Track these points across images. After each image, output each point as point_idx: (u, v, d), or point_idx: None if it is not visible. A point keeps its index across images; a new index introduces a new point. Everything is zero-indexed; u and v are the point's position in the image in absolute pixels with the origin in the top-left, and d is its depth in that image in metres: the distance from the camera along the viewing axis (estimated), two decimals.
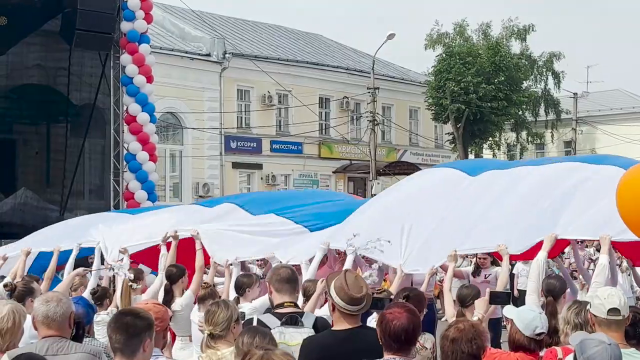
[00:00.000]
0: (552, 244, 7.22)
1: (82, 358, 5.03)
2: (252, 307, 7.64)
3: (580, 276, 14.52)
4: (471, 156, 48.87)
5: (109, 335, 4.46)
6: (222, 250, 9.38)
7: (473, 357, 4.49)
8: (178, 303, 8.49)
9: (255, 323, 5.61)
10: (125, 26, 16.29)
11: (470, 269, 12.58)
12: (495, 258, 12.54)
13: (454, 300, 7.61)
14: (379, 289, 6.94)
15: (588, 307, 5.20)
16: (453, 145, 45.35)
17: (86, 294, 9.09)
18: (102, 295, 8.97)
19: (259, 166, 38.59)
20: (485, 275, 11.95)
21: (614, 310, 5.01)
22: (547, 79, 53.83)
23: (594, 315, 5.12)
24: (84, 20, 15.41)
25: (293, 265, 7.75)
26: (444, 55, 43.37)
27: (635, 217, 6.42)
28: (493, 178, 8.79)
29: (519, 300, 16.50)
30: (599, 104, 55.60)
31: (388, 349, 4.48)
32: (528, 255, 8.12)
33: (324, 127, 41.90)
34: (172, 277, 8.72)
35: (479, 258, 12.19)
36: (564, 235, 7.56)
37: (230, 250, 9.32)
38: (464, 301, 7.44)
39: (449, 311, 7.24)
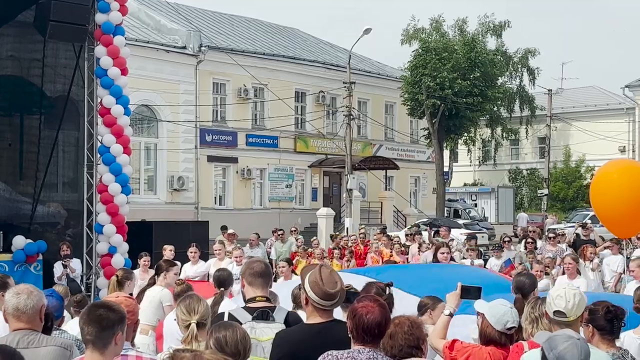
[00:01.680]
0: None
1: (53, 351, 5.01)
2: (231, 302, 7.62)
3: (553, 271, 14.68)
4: (446, 152, 49.16)
5: (80, 327, 4.44)
6: None
7: (413, 348, 4.56)
8: (157, 288, 8.63)
9: (226, 318, 5.59)
10: (99, 18, 16.10)
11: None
12: (452, 255, 12.53)
13: None
14: (347, 286, 6.93)
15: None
16: (428, 140, 45.55)
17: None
18: (83, 302, 9.00)
19: (234, 160, 38.54)
20: None
21: (559, 313, 5.11)
22: (522, 75, 54.28)
23: (546, 312, 5.27)
24: (58, 11, 15.23)
25: None
26: (420, 50, 43.51)
27: (608, 213, 6.51)
28: None
29: None
30: (574, 100, 56.07)
31: (359, 341, 4.51)
32: None
33: (299, 121, 41.92)
34: (159, 268, 8.90)
35: (441, 252, 12.07)
36: None
37: None
38: (419, 309, 7.37)
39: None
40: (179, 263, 9.68)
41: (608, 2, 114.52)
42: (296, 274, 13.97)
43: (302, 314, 6.76)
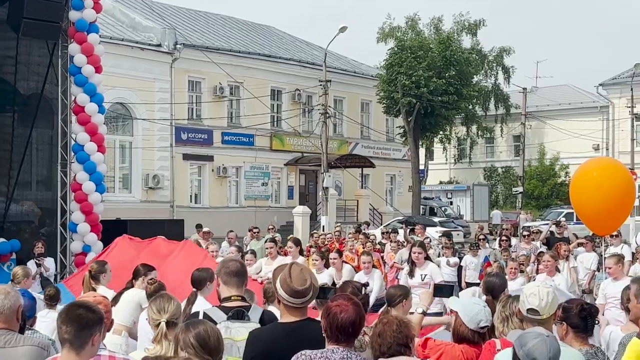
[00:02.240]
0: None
1: (30, 351, 4.99)
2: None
3: (527, 269, 14.76)
4: (422, 150, 49.31)
5: (59, 326, 4.41)
6: None
7: (402, 346, 4.58)
8: (136, 289, 8.55)
9: (201, 317, 5.57)
10: (73, 15, 16.01)
11: (405, 269, 12.39)
12: (427, 254, 12.48)
13: None
14: (323, 283, 6.95)
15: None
16: (404, 138, 45.65)
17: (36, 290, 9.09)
18: (55, 296, 8.92)
19: (209, 158, 38.43)
20: (421, 276, 11.78)
21: (532, 311, 5.13)
22: (497, 73, 54.57)
23: (519, 310, 5.28)
24: (31, 8, 15.15)
25: None
26: (396, 49, 43.59)
27: (587, 211, 6.57)
28: None
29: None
30: (548, 99, 56.40)
31: (333, 340, 4.51)
32: None
33: (275, 119, 41.89)
34: (137, 273, 8.77)
35: (413, 252, 12.02)
36: None
37: None
38: (391, 300, 7.42)
39: None
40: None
41: (582, 2, 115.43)
42: (280, 254, 14.10)
43: (276, 311, 6.77)
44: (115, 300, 8.37)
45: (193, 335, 4.31)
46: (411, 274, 11.80)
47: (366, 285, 6.26)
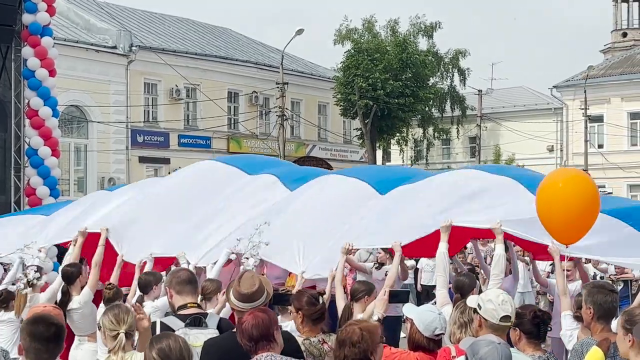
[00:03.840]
0: (448, 231, 7.26)
1: None
2: (154, 305, 7.60)
3: (482, 271, 14.88)
4: (379, 152, 49.49)
5: (36, 346, 4.39)
6: (132, 249, 9.24)
7: (361, 356, 4.57)
8: (76, 301, 8.37)
9: (158, 326, 5.57)
10: (27, 18, 15.86)
11: (371, 264, 12.64)
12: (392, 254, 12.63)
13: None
14: (283, 289, 6.95)
15: (477, 307, 5.30)
16: (361, 140, 45.81)
17: None
18: (7, 297, 8.85)
19: (166, 160, 38.19)
20: (386, 272, 11.91)
21: (505, 318, 5.15)
22: (452, 75, 54.82)
23: (484, 319, 5.21)
24: None
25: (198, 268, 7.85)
26: (353, 51, 43.69)
27: (550, 220, 6.63)
28: (400, 195, 8.74)
29: (422, 294, 16.78)
30: (503, 100, 56.85)
31: (251, 352, 4.55)
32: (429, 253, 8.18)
33: (232, 121, 41.77)
34: (70, 278, 8.57)
35: (378, 252, 12.27)
36: (459, 223, 7.58)
37: (139, 248, 9.17)
38: (354, 295, 7.44)
39: (339, 304, 7.26)
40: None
41: (537, 5, 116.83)
42: None
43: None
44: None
45: (155, 350, 4.34)
46: (379, 267, 12.03)
47: (322, 294, 6.24)
